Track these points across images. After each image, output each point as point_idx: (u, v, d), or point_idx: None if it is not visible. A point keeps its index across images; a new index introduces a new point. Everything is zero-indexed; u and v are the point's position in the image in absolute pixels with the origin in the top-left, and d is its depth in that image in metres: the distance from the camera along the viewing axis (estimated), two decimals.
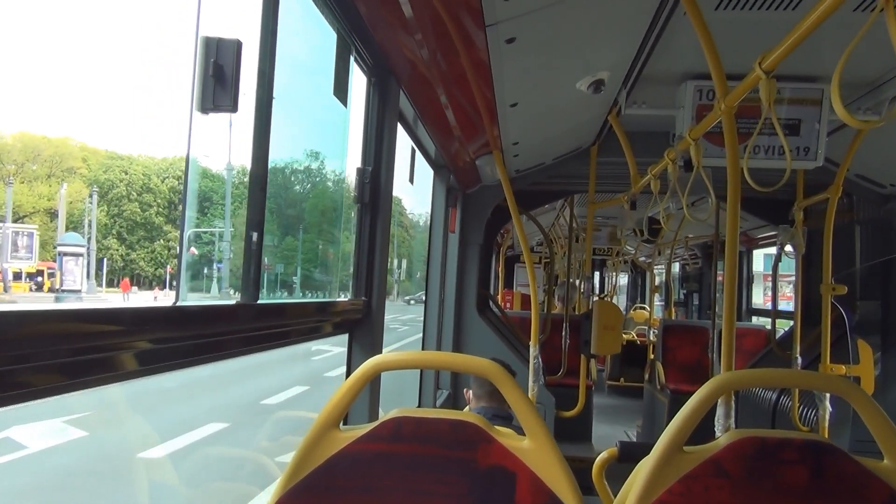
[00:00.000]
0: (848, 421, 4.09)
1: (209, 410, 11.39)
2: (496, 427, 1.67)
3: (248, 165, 1.89)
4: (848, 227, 5.26)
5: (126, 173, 41.23)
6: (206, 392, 12.76)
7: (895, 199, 4.73)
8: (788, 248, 5.13)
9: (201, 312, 1.69)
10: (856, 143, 3.80)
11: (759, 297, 10.80)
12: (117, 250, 40.00)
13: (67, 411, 9.91)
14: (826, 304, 4.35)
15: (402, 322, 24.84)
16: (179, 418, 10.89)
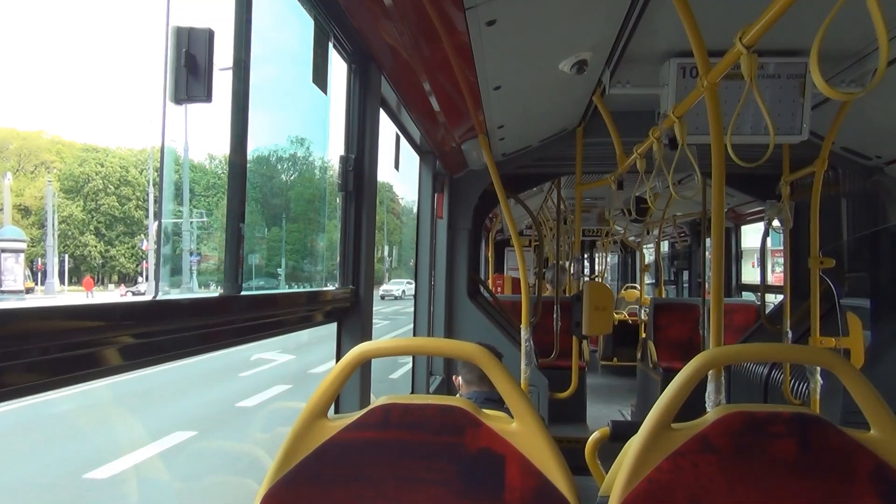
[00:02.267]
0: (839, 393, 4.11)
1: None
2: (485, 410, 1.67)
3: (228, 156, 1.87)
4: (835, 201, 5.27)
5: (102, 166, 39.41)
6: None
7: (881, 171, 4.74)
8: (776, 223, 5.14)
9: (182, 306, 1.68)
10: (840, 116, 3.79)
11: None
12: (95, 247, 38.24)
13: None
14: (814, 277, 4.37)
15: (384, 316, 23.00)
16: None
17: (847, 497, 1.51)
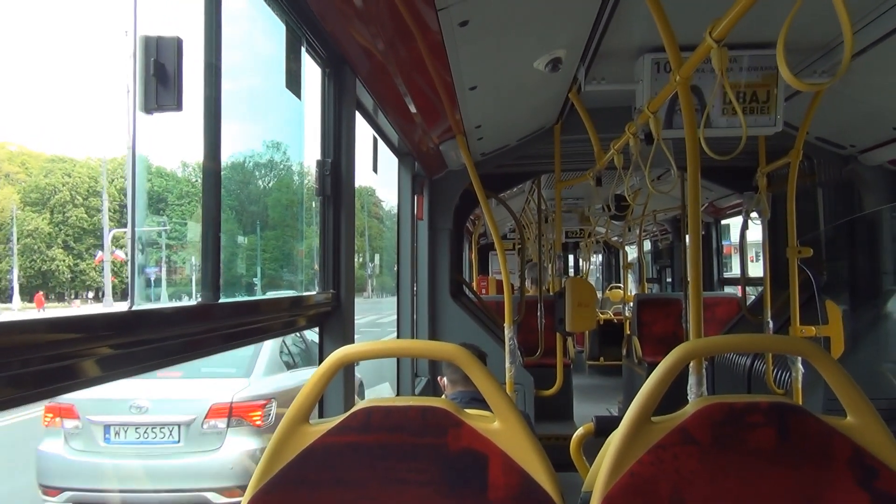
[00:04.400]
0: (820, 381, 4.14)
1: None
2: (467, 410, 1.68)
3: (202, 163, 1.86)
4: (811, 190, 5.32)
5: (69, 176, 36.69)
6: None
7: (855, 159, 4.80)
8: (754, 214, 5.18)
9: (161, 315, 1.67)
10: (813, 107, 3.83)
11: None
12: (63, 261, 35.63)
13: None
14: (793, 266, 4.40)
15: (356, 328, 22.31)
16: None
17: (826, 483, 1.53)
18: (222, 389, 6.70)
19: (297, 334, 7.99)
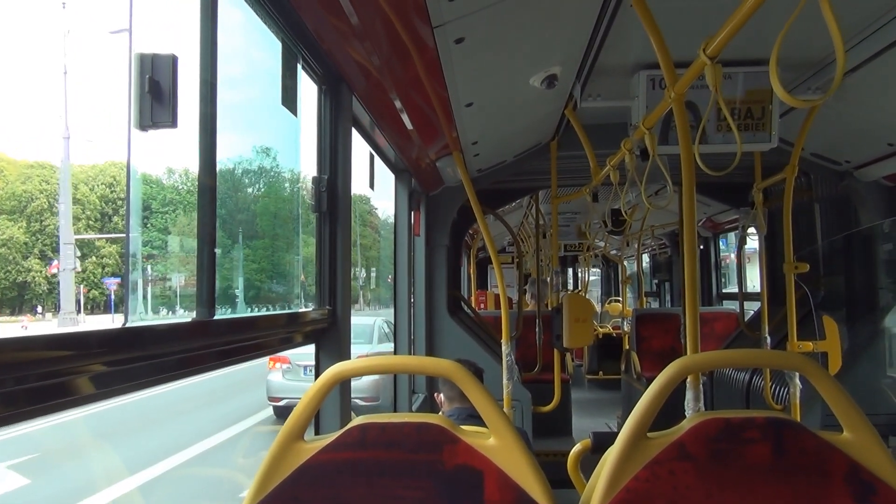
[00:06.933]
0: (819, 397, 4.13)
1: None
2: (462, 427, 1.67)
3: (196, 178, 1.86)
4: (807, 206, 5.34)
5: (47, 183, 35.32)
6: None
7: (851, 175, 4.81)
8: (751, 230, 5.19)
9: (156, 332, 1.66)
10: (808, 123, 3.85)
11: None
12: (40, 272, 34.43)
13: None
14: (789, 282, 4.41)
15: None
16: None
17: (822, 499, 1.52)
18: (360, 349, 10.59)
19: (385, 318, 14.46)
